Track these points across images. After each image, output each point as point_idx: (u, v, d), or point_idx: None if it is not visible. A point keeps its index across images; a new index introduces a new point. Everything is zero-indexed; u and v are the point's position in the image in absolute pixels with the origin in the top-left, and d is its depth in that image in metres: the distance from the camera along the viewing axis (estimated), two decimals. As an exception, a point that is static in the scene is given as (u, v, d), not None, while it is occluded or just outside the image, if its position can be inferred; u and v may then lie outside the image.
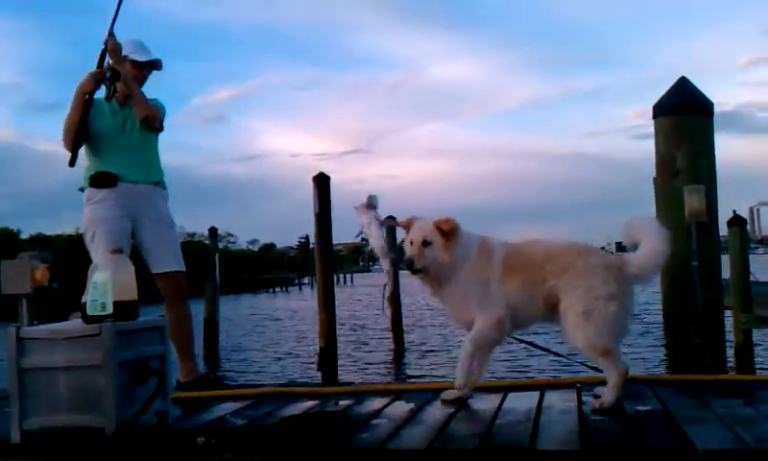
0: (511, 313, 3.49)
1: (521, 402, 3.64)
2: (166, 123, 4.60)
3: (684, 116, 4.51)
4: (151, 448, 3.02)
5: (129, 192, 4.39)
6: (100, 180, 4.37)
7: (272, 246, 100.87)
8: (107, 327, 3.07)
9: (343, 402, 3.89)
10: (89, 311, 3.21)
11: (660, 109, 4.58)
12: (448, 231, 3.47)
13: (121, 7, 4.36)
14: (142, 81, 4.52)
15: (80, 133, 4.31)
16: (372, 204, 3.59)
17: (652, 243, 3.41)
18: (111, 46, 4.33)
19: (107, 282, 3.22)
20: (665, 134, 4.53)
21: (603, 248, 3.64)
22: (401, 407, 3.66)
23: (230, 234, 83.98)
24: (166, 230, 4.54)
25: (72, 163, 4.35)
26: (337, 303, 11.12)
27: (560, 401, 3.64)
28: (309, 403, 3.91)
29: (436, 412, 3.50)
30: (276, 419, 3.48)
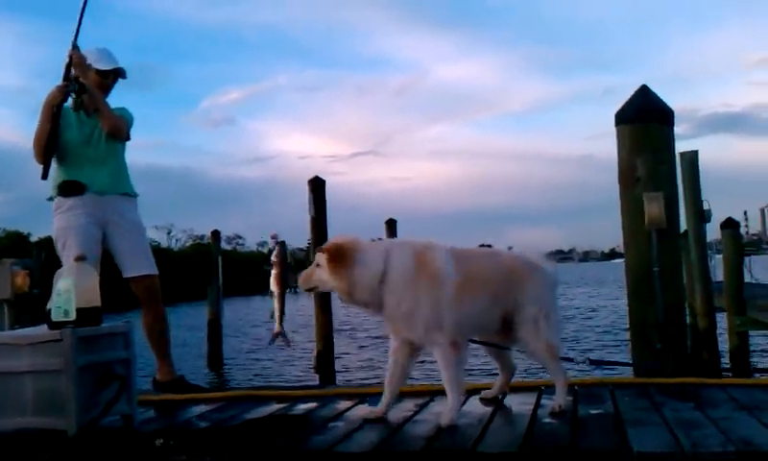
0: (464, 330, 3.45)
1: (480, 406, 3.73)
2: (132, 131, 4.68)
3: (645, 124, 4.56)
4: (110, 450, 3.13)
5: (96, 201, 4.45)
6: (68, 188, 4.44)
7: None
8: (67, 333, 3.18)
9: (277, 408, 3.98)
10: (53, 317, 3.32)
11: (622, 117, 4.64)
12: (332, 255, 3.33)
13: (83, 21, 4.41)
14: (107, 89, 4.60)
15: (50, 145, 4.39)
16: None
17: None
18: (76, 59, 4.39)
19: (69, 289, 3.34)
20: (626, 142, 4.59)
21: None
22: (364, 410, 3.74)
23: (239, 236, 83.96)
24: (137, 236, 4.62)
25: (44, 176, 4.43)
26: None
27: (517, 404, 3.72)
28: (276, 406, 4.01)
29: (395, 415, 3.58)
30: (239, 421, 3.58)
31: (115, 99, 4.62)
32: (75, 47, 4.41)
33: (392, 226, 18.85)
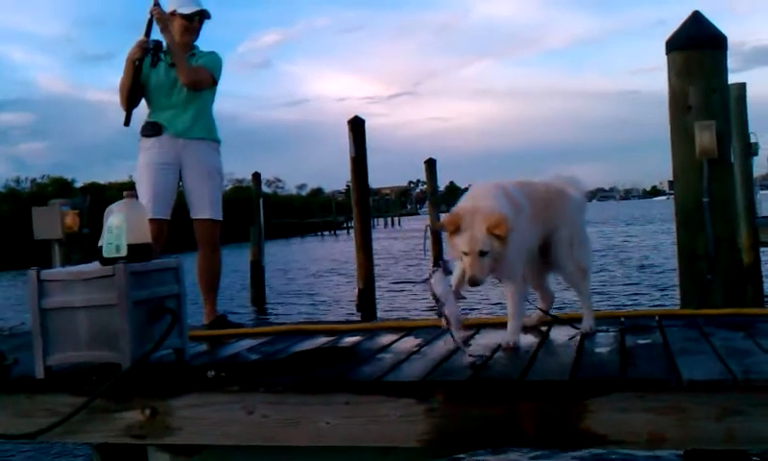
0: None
1: (527, 336, 3.73)
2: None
3: (697, 51, 4.42)
4: (164, 381, 3.20)
5: (173, 143, 4.69)
6: (147, 129, 4.72)
7: (320, 191, 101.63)
8: (120, 268, 3.23)
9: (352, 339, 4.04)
10: (105, 254, 3.37)
11: (673, 44, 4.49)
12: (503, 236, 3.24)
13: None
14: (195, 32, 4.78)
15: (131, 96, 4.63)
16: (448, 269, 3.35)
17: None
18: (157, 15, 4.58)
19: (121, 226, 3.38)
20: (677, 70, 4.45)
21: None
22: (409, 343, 3.79)
23: (279, 180, 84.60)
24: (206, 180, 4.77)
25: (126, 123, 4.70)
26: (385, 244, 11.32)
27: (564, 336, 3.72)
28: (323, 340, 4.06)
29: (441, 347, 3.61)
30: (288, 354, 3.63)
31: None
32: (156, 4, 4.59)
33: (431, 165, 18.76)
